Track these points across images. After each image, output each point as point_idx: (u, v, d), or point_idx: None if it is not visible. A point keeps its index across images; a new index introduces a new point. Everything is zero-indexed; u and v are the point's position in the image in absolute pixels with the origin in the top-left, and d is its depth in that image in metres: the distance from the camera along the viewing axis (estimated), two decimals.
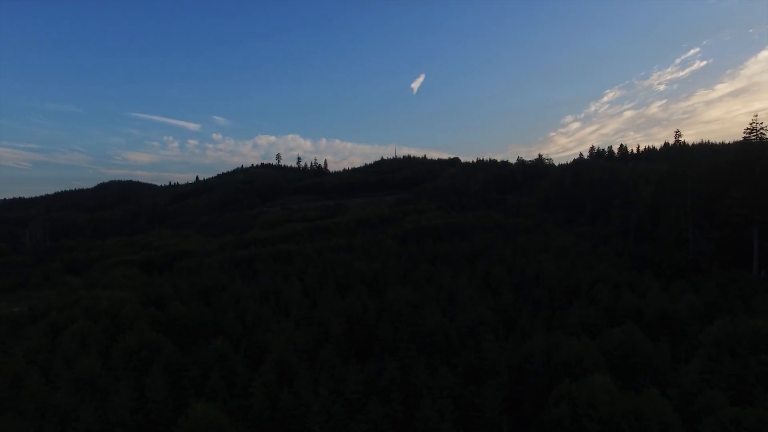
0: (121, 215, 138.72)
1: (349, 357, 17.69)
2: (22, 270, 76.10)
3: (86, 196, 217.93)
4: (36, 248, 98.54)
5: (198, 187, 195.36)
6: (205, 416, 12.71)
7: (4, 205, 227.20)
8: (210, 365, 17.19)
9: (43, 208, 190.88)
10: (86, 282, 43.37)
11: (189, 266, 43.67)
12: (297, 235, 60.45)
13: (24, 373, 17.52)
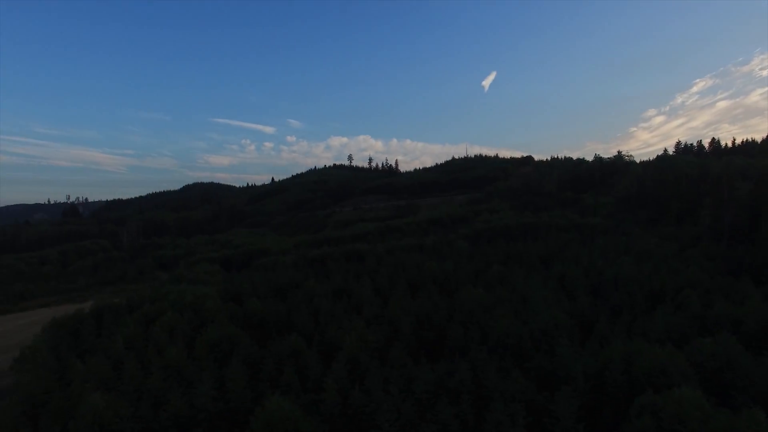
0: (204, 215, 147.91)
1: (419, 356, 17.86)
2: (120, 265, 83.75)
3: (173, 197, 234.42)
4: (131, 245, 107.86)
5: (273, 188, 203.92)
6: (279, 408, 13.45)
7: (106, 206, 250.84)
8: (284, 359, 18.01)
9: (137, 208, 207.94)
10: (173, 277, 46.99)
11: (265, 264, 45.92)
12: (368, 235, 61.56)
13: (124, 357, 19.38)
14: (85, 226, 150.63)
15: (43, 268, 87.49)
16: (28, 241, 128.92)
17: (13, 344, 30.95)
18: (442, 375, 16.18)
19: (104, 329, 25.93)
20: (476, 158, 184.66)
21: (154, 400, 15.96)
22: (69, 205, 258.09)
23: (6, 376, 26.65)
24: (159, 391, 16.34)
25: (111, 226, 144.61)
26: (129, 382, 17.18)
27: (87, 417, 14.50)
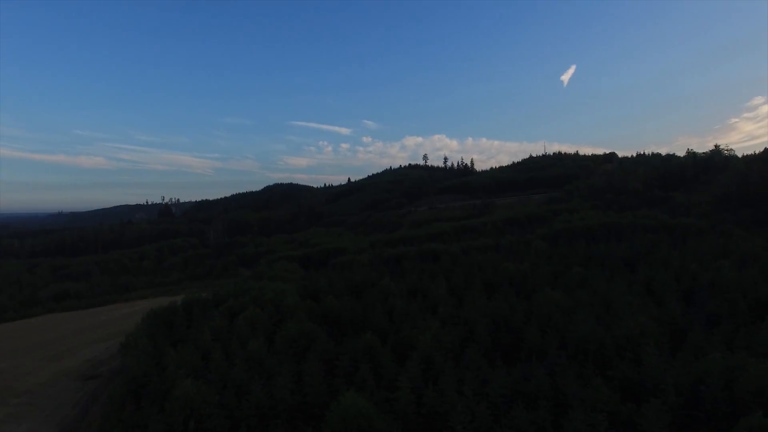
0: (283, 215, 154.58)
1: (494, 359, 17.52)
2: (207, 261, 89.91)
3: (255, 198, 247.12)
4: (217, 243, 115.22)
5: (350, 188, 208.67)
6: (354, 404, 13.82)
7: (195, 206, 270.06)
8: (359, 357, 18.42)
9: (222, 208, 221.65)
10: (255, 274, 49.67)
11: (342, 263, 47.21)
12: (444, 235, 61.34)
13: (210, 348, 20.83)
14: (177, 225, 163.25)
15: (142, 263, 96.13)
16: (130, 238, 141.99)
17: (121, 330, 34.31)
18: (518, 379, 15.77)
19: (194, 321, 27.96)
20: (555, 156, 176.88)
21: (238, 389, 16.99)
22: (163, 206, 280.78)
23: (116, 358, 29.69)
24: (242, 381, 17.36)
25: (199, 225, 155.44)
26: (215, 371, 18.44)
27: (179, 400, 15.77)
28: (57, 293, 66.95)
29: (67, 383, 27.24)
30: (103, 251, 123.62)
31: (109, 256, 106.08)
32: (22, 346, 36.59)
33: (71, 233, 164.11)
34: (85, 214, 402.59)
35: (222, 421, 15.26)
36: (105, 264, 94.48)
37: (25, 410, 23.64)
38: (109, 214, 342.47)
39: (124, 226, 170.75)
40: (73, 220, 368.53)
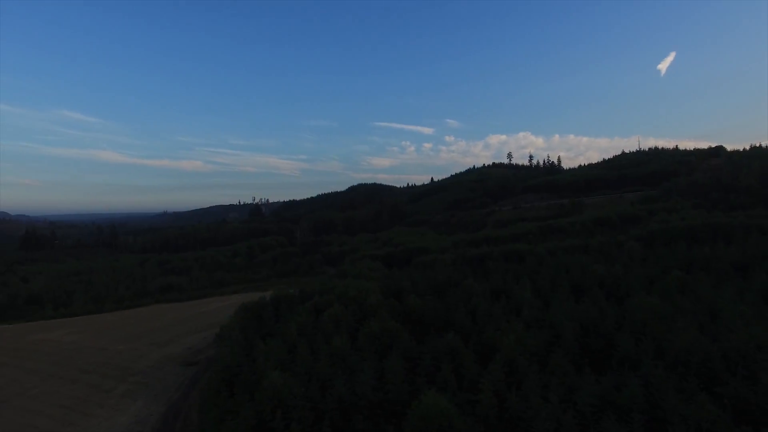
0: (367, 214, 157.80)
1: (582, 365, 16.66)
2: (294, 259, 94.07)
3: (340, 198, 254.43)
4: (303, 242, 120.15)
5: (433, 187, 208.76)
6: (435, 404, 13.82)
7: (282, 206, 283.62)
8: (441, 357, 18.36)
9: (309, 208, 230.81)
10: (339, 272, 51.24)
11: (425, 262, 47.28)
12: (529, 235, 59.36)
13: (297, 342, 21.81)
14: (266, 224, 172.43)
15: (235, 260, 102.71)
16: (224, 236, 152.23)
17: (216, 322, 37.04)
18: (609, 388, 14.81)
19: (281, 316, 29.46)
20: (650, 151, 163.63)
21: (322, 383, 17.65)
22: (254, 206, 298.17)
23: (212, 347, 32.14)
24: (326, 376, 18.00)
25: (287, 224, 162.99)
26: (301, 365, 19.28)
27: (268, 391, 16.70)
28: (163, 285, 73.72)
29: (171, 368, 29.94)
30: (201, 248, 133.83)
31: (206, 253, 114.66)
32: (135, 332, 40.81)
33: (174, 231, 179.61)
34: (185, 214, 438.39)
35: (307, 413, 15.93)
36: (203, 260, 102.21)
37: (140, 388, 26.39)
38: (206, 214, 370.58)
39: (219, 225, 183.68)
40: (176, 219, 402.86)
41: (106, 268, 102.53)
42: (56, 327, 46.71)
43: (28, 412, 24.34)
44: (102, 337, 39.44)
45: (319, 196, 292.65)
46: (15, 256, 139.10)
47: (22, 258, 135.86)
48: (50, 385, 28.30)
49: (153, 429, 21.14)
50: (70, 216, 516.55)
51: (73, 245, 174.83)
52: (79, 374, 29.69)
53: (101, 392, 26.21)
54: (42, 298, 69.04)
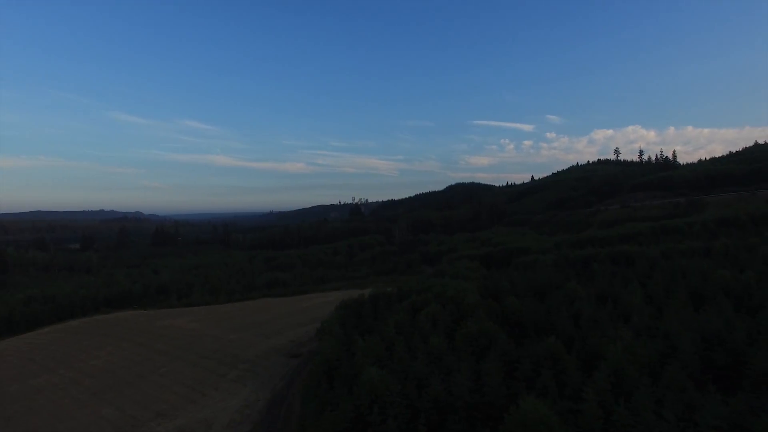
0: (465, 214, 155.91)
1: (704, 382, 15.09)
2: (393, 258, 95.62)
3: (438, 197, 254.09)
4: (401, 241, 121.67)
5: (533, 186, 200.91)
6: (535, 410, 13.35)
7: (380, 205, 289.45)
8: (541, 362, 17.70)
9: (407, 208, 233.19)
10: (437, 271, 51.22)
11: (524, 263, 45.69)
12: (639, 236, 54.80)
13: (394, 340, 22.22)
14: (365, 223, 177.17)
15: (335, 258, 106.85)
16: (326, 235, 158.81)
17: (317, 317, 38.90)
18: (741, 411, 13.22)
19: (379, 313, 30.15)
20: None
21: (418, 381, 17.83)
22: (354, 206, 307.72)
23: (313, 341, 33.85)
24: (422, 375, 18.16)
25: (386, 223, 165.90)
26: (398, 362, 19.63)
27: (366, 386, 17.24)
28: (269, 281, 78.81)
29: (276, 358, 32.03)
30: (304, 246, 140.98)
31: (308, 251, 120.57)
32: (245, 323, 44.21)
33: (279, 230, 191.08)
34: (289, 213, 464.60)
35: (403, 410, 16.20)
36: (305, 257, 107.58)
37: (249, 375, 28.62)
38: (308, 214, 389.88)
39: (321, 224, 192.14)
40: (281, 218, 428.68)
41: (220, 263, 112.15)
42: (180, 315, 52.03)
43: (160, 387, 27.60)
44: (217, 326, 43.23)
45: (417, 196, 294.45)
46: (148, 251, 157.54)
47: (153, 253, 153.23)
48: (176, 366, 31.71)
49: (260, 413, 22.79)
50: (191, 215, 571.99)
51: (193, 242, 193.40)
52: (198, 358, 32.91)
53: (216, 376, 28.82)
54: (168, 288, 77.22)
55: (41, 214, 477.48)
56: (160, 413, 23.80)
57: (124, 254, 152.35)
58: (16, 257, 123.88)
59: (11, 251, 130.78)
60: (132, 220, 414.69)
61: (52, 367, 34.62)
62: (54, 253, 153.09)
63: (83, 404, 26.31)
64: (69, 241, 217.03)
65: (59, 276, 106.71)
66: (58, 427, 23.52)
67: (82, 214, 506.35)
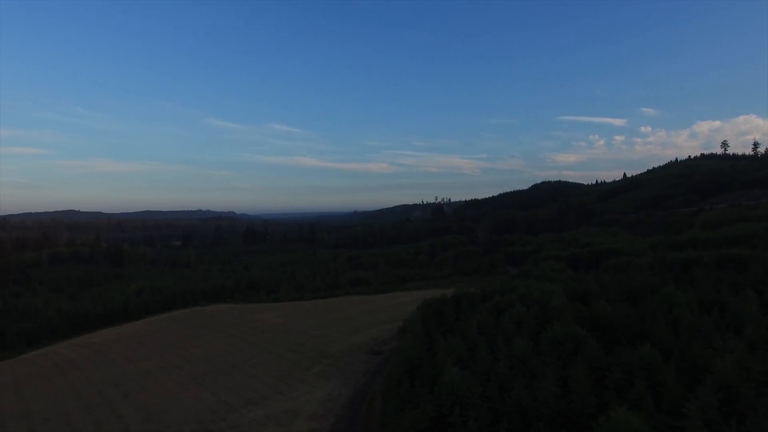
0: (551, 213, 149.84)
1: None
2: (476, 258, 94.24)
3: (522, 196, 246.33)
4: (484, 241, 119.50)
5: (625, 184, 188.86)
6: (627, 423, 12.55)
7: (464, 205, 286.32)
8: (635, 371, 16.61)
9: (490, 207, 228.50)
10: (521, 272, 49.71)
11: (615, 265, 43.09)
12: (752, 238, 49.32)
13: (476, 341, 21.91)
14: (448, 223, 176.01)
15: (418, 257, 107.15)
16: (408, 234, 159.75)
17: (399, 315, 39.27)
18: None
19: (461, 314, 29.84)
20: None
21: (500, 384, 17.42)
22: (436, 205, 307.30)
23: (395, 339, 34.24)
24: (505, 377, 17.72)
25: (469, 223, 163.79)
26: (480, 364, 19.31)
27: (447, 386, 17.14)
28: (352, 279, 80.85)
29: (359, 355, 32.77)
30: (387, 245, 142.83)
31: (391, 250, 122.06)
32: (329, 319, 45.71)
33: (362, 229, 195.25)
34: (373, 213, 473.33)
35: (484, 412, 15.90)
36: (388, 256, 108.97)
37: (332, 370, 29.58)
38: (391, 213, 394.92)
39: (404, 224, 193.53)
40: (364, 218, 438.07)
41: (305, 261, 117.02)
42: (268, 309, 54.94)
43: (250, 377, 29.38)
44: (302, 322, 45.11)
45: (501, 195, 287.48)
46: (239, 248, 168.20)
47: (244, 250, 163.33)
48: (264, 357, 33.55)
49: (342, 407, 23.47)
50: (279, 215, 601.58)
51: (280, 240, 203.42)
52: (285, 351, 34.55)
53: (302, 369, 30.08)
54: (258, 284, 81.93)
55: (149, 213, 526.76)
56: (251, 401, 25.32)
57: (218, 251, 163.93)
58: (130, 252, 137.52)
59: (125, 247, 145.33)
60: (226, 219, 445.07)
61: (159, 352, 38.16)
62: (159, 249, 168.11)
63: (185, 387, 28.72)
64: (172, 238, 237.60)
65: (164, 270, 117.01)
66: (164, 405, 25.88)
67: (182, 214, 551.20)
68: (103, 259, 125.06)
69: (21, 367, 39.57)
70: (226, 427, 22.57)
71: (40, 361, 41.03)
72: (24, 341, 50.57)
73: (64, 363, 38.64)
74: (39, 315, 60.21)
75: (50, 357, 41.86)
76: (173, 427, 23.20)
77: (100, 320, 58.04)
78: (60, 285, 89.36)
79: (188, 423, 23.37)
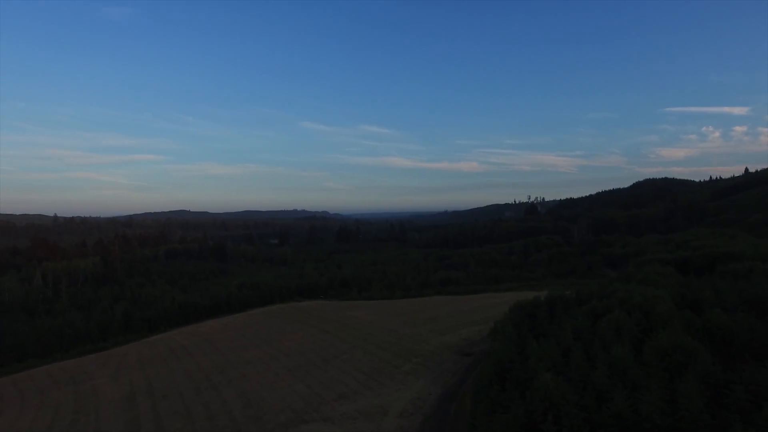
0: (656, 213, 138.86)
1: None
2: (571, 259, 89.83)
3: (622, 195, 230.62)
4: (581, 242, 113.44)
5: (747, 180, 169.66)
6: None
7: (559, 204, 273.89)
8: (762, 391, 14.94)
9: (586, 206, 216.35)
10: (621, 275, 46.45)
11: (734, 270, 38.94)
12: None
13: (571, 346, 20.92)
14: (542, 223, 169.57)
15: (510, 258, 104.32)
16: (500, 234, 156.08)
17: (490, 317, 38.55)
18: None
19: (555, 317, 28.62)
20: None
21: (598, 393, 16.45)
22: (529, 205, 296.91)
23: (485, 341, 33.67)
24: (603, 387, 16.72)
25: (564, 223, 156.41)
26: (575, 371, 18.39)
27: (540, 391, 16.54)
28: (442, 279, 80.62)
29: (449, 355, 32.60)
30: (478, 245, 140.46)
31: (482, 250, 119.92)
32: (419, 318, 45.93)
33: (453, 229, 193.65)
34: (464, 213, 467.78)
35: (580, 422, 15.12)
36: (479, 256, 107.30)
37: (422, 369, 29.73)
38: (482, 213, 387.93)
39: (495, 223, 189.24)
40: (455, 217, 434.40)
41: (396, 260, 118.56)
42: (359, 307, 56.42)
43: (342, 372, 30.42)
44: (392, 320, 45.76)
45: (599, 194, 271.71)
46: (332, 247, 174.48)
47: (337, 249, 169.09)
48: (355, 353, 34.52)
49: (431, 407, 23.50)
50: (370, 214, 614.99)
51: (372, 239, 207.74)
52: (375, 349, 35.28)
53: (392, 367, 30.55)
54: (350, 282, 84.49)
55: (249, 213, 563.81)
56: (342, 395, 26.20)
57: (312, 249, 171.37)
58: (232, 249, 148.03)
59: (229, 245, 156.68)
60: (319, 219, 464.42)
61: (258, 344, 40.76)
62: (258, 246, 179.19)
63: (281, 378, 30.43)
64: (269, 236, 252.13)
65: (262, 266, 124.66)
66: (262, 394, 27.65)
67: (279, 213, 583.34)
68: (209, 255, 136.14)
69: (145, 349, 44.35)
70: (318, 418, 23.57)
71: (159, 345, 45.69)
72: (146, 326, 56.88)
73: (178, 348, 42.66)
74: (158, 304, 67.13)
75: (167, 342, 46.45)
76: (270, 414, 24.71)
77: (207, 311, 63.70)
78: (174, 278, 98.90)
79: (284, 412, 24.74)
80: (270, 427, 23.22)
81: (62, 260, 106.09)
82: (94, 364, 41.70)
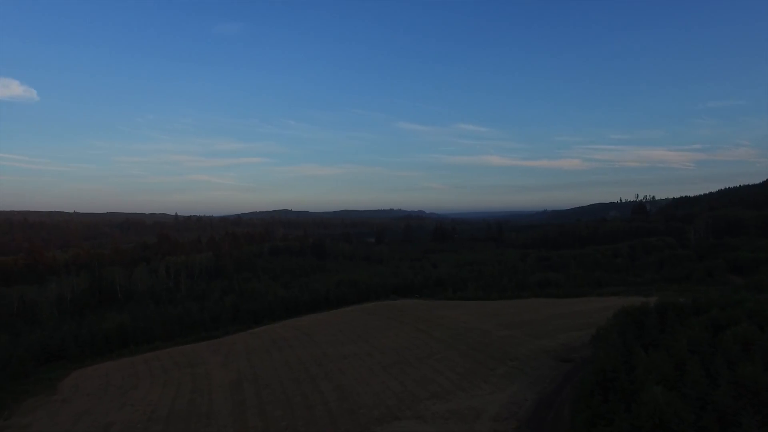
0: None
1: None
2: (686, 263, 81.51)
3: (751, 192, 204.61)
4: (699, 244, 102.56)
5: None
6: None
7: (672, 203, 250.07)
8: None
9: (706, 205, 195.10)
10: (750, 283, 41.21)
11: None
12: None
13: (687, 359, 18.84)
14: (651, 223, 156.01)
15: (615, 260, 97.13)
16: (604, 235, 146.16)
17: (592, 322, 36.14)
18: None
19: (667, 326, 26.08)
20: None
21: (720, 415, 14.61)
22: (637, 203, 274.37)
23: (587, 347, 31.58)
24: (727, 408, 14.81)
25: (677, 223, 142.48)
26: (692, 387, 16.51)
27: (648, 406, 15.05)
28: (541, 280, 77.06)
29: (546, 360, 31.00)
30: (580, 246, 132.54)
31: (584, 251, 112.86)
32: (515, 321, 44.33)
33: (553, 229, 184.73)
34: (564, 212, 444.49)
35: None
36: (581, 258, 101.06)
37: (516, 373, 28.60)
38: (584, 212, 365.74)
39: (599, 223, 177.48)
40: (555, 217, 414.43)
41: (492, 260, 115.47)
42: (454, 307, 55.66)
43: (435, 371, 30.20)
44: (487, 321, 44.55)
45: (721, 191, 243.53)
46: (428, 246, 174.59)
47: (432, 248, 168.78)
48: (449, 353, 34.08)
49: (526, 412, 22.44)
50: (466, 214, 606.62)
51: (468, 239, 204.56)
52: (468, 350, 34.56)
53: (485, 369, 29.71)
54: (445, 281, 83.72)
55: (347, 212, 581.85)
56: (435, 394, 25.94)
57: (408, 248, 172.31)
58: (331, 247, 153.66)
59: (327, 243, 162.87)
60: (415, 218, 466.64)
61: (354, 339, 41.73)
62: (356, 245, 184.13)
63: (375, 374, 30.86)
64: (366, 235, 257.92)
65: (359, 264, 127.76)
66: (357, 389, 28.21)
67: (376, 213, 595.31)
68: (309, 253, 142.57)
69: (251, 340, 47.33)
70: (411, 416, 23.52)
71: (263, 336, 48.50)
72: (252, 318, 60.65)
73: (279, 340, 44.99)
74: (262, 298, 71.45)
75: (270, 334, 49.19)
76: (364, 408, 25.13)
77: (306, 306, 66.59)
78: (277, 274, 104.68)
79: (378, 407, 25.02)
80: (364, 421, 23.61)
81: (181, 255, 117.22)
82: (207, 350, 45.32)
